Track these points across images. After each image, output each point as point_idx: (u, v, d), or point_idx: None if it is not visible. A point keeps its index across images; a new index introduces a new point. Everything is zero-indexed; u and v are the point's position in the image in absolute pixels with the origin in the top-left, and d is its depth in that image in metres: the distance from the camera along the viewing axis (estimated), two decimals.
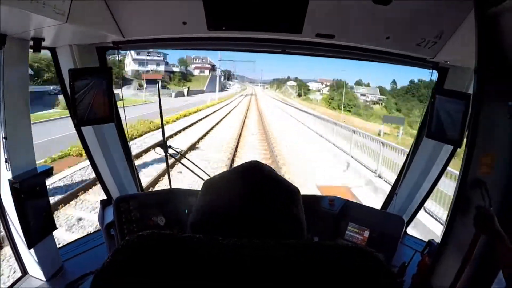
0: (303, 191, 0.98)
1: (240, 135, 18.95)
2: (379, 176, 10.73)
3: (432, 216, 7.13)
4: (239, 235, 0.72)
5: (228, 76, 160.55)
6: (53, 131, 17.37)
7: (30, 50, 1.68)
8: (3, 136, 1.59)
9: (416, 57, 1.97)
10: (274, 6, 1.70)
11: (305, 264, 0.67)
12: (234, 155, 13.56)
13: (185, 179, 8.97)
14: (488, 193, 1.36)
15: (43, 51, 1.80)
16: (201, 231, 0.77)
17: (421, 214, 6.77)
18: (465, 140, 1.73)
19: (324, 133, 19.25)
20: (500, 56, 1.28)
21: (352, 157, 13.26)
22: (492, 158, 1.39)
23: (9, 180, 1.63)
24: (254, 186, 0.81)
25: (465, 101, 1.78)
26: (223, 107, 43.91)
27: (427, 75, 2.17)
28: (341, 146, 15.27)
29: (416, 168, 2.40)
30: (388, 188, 5.27)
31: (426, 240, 2.00)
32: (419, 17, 1.66)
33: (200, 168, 2.48)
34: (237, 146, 15.48)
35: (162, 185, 9.30)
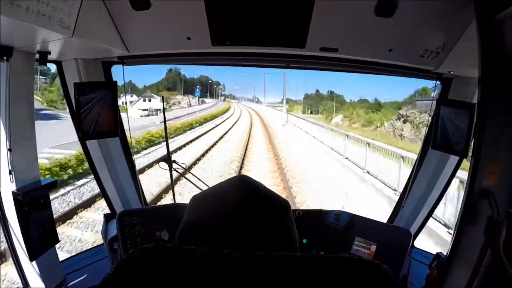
0: None
1: None
2: None
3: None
4: (229, 246, 0.72)
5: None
6: None
7: (36, 63, 1.71)
8: (8, 147, 1.61)
9: (420, 68, 1.97)
10: (277, 21, 1.72)
11: (310, 278, 0.66)
12: None
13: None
14: (496, 202, 1.33)
15: None
16: (189, 244, 0.77)
17: None
18: (471, 150, 1.72)
19: None
20: (504, 64, 1.27)
21: None
22: (499, 168, 1.37)
23: (12, 192, 1.63)
24: (243, 199, 0.80)
25: (470, 110, 1.77)
26: None
27: None
28: None
29: (422, 180, 2.37)
30: None
31: (434, 253, 1.96)
32: (421, 28, 1.67)
33: (204, 183, 2.48)
34: None
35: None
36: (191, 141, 21.55)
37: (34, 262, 1.77)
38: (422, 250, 2.42)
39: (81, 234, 7.15)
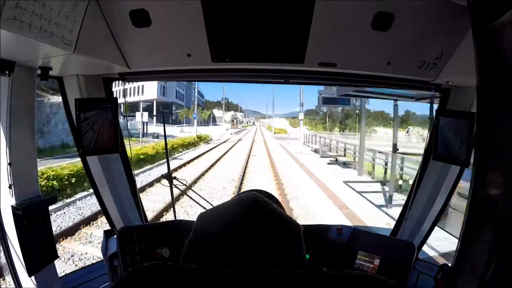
0: None
1: None
2: None
3: None
4: (234, 267, 0.70)
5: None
6: None
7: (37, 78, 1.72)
8: (8, 162, 1.61)
9: (418, 80, 1.98)
10: (276, 37, 1.74)
11: None
12: None
13: None
14: (501, 211, 1.32)
15: None
16: (194, 263, 0.74)
17: None
18: (472, 159, 1.71)
19: None
20: (502, 72, 1.28)
21: None
22: (502, 176, 1.36)
23: (12, 206, 1.63)
24: (252, 219, 0.78)
25: (469, 120, 1.78)
26: None
27: None
28: None
29: (424, 192, 2.36)
30: None
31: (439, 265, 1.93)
32: (418, 40, 1.69)
33: (205, 200, 2.47)
34: None
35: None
36: None
37: (32, 277, 1.74)
38: (427, 262, 2.39)
39: None
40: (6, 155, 1.61)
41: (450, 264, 1.73)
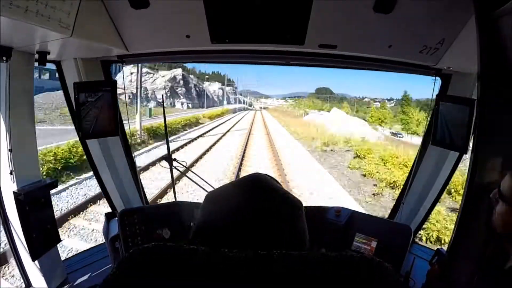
0: None
1: None
2: None
3: None
4: (239, 248, 0.72)
5: None
6: None
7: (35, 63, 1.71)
8: (8, 148, 1.61)
9: (419, 64, 1.96)
10: (276, 18, 1.71)
11: (312, 276, 0.66)
12: None
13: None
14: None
15: None
16: (202, 244, 0.76)
17: None
18: (470, 146, 1.72)
19: None
20: (503, 60, 1.27)
21: None
22: (499, 163, 1.37)
23: (13, 192, 1.64)
24: (255, 200, 0.80)
25: (469, 106, 1.77)
26: None
27: None
28: None
29: (422, 176, 2.38)
30: None
31: (435, 249, 1.96)
32: (420, 24, 1.66)
33: (205, 181, 2.48)
34: None
35: None
36: None
37: (36, 262, 1.77)
38: (422, 246, 2.43)
39: None
40: (6, 141, 1.61)
41: (445, 249, 1.76)
